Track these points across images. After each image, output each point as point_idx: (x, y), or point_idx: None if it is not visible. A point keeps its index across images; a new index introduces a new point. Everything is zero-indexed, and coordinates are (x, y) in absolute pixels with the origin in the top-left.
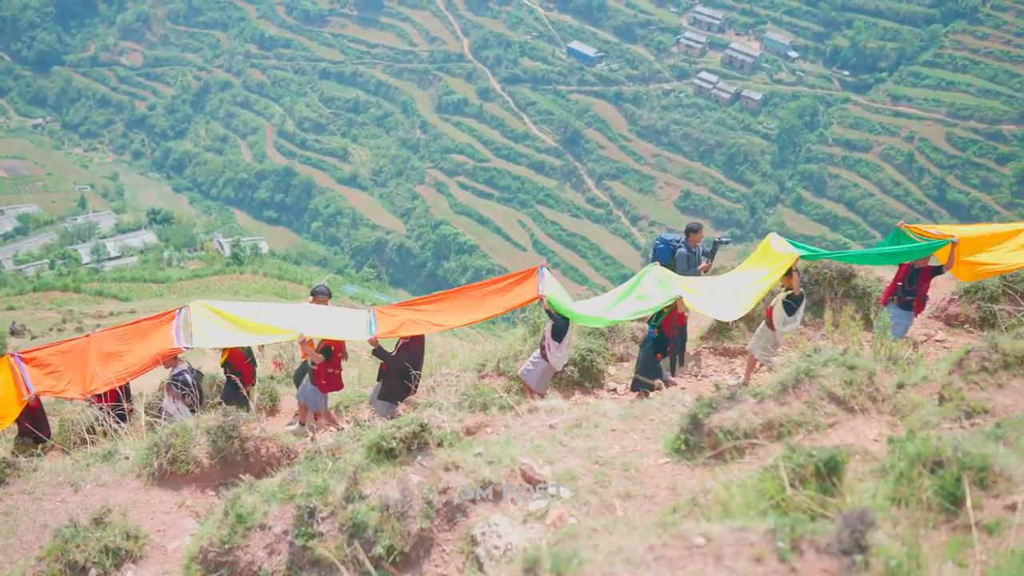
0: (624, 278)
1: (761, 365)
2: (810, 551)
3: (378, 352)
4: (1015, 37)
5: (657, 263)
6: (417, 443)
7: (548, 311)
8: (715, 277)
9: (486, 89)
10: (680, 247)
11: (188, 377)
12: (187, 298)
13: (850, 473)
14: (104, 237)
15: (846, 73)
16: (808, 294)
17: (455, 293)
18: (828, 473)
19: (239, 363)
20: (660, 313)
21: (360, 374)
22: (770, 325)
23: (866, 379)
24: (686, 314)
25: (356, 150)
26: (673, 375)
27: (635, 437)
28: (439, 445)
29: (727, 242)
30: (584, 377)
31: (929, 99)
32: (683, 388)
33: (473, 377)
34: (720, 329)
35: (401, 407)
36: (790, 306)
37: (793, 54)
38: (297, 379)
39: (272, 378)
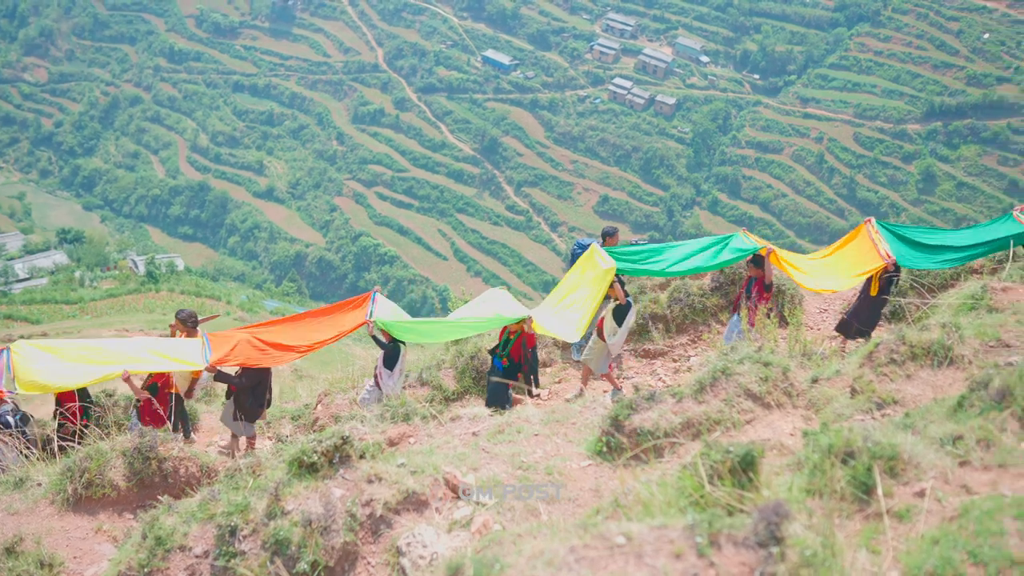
0: (546, 284)
1: (606, 376)
2: (728, 545)
3: (220, 376)
4: (916, 39)
5: (504, 288)
6: (339, 456)
7: (374, 337)
8: (557, 294)
9: (402, 99)
10: None
11: (10, 419)
12: (101, 319)
13: (767, 467)
14: (12, 259)
15: (756, 77)
16: (724, 294)
17: (293, 320)
18: (745, 468)
19: (68, 399)
20: (508, 341)
21: (282, 389)
22: (601, 336)
23: (781, 375)
24: (535, 336)
25: (272, 163)
26: (531, 397)
27: (557, 441)
28: (361, 457)
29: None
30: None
31: (836, 101)
32: (605, 391)
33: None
34: (640, 331)
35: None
36: (619, 316)
37: (704, 59)
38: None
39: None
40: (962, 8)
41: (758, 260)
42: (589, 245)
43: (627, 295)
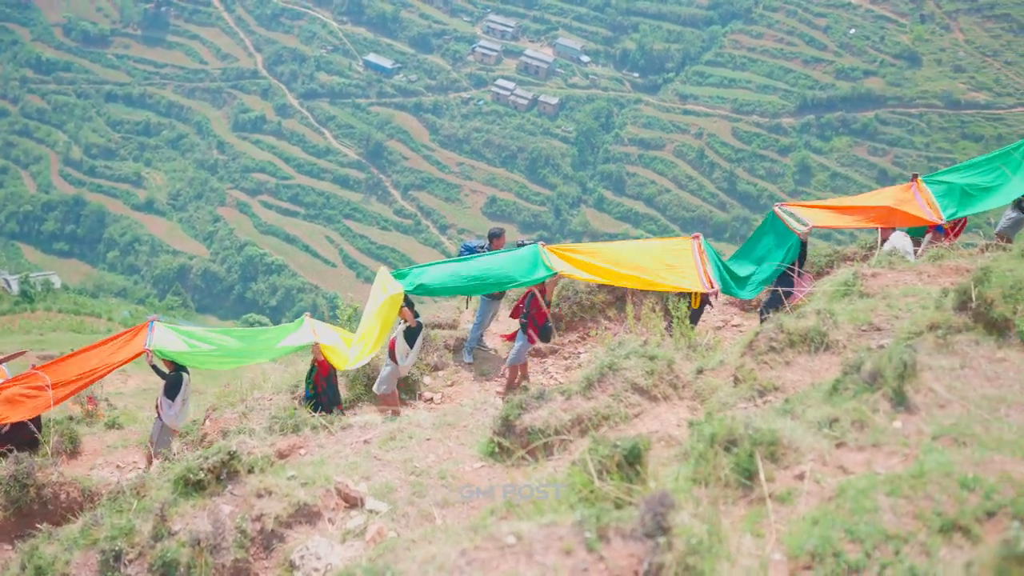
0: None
1: (383, 396)
2: (616, 538)
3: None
4: (786, 35)
5: (307, 315)
6: (227, 472)
7: (153, 366)
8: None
9: (284, 105)
10: (484, 253)
11: None
12: None
13: (654, 459)
14: None
15: (636, 75)
16: (612, 290)
17: (68, 357)
18: (632, 462)
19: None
20: (312, 369)
21: None
22: (393, 358)
23: (666, 368)
24: (328, 363)
25: (151, 175)
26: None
27: (450, 444)
28: (250, 472)
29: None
30: (400, 388)
31: (714, 97)
32: (498, 392)
33: (286, 399)
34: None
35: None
36: (410, 338)
37: (585, 58)
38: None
39: (71, 419)
40: (829, 5)
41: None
42: (476, 247)
43: (417, 316)
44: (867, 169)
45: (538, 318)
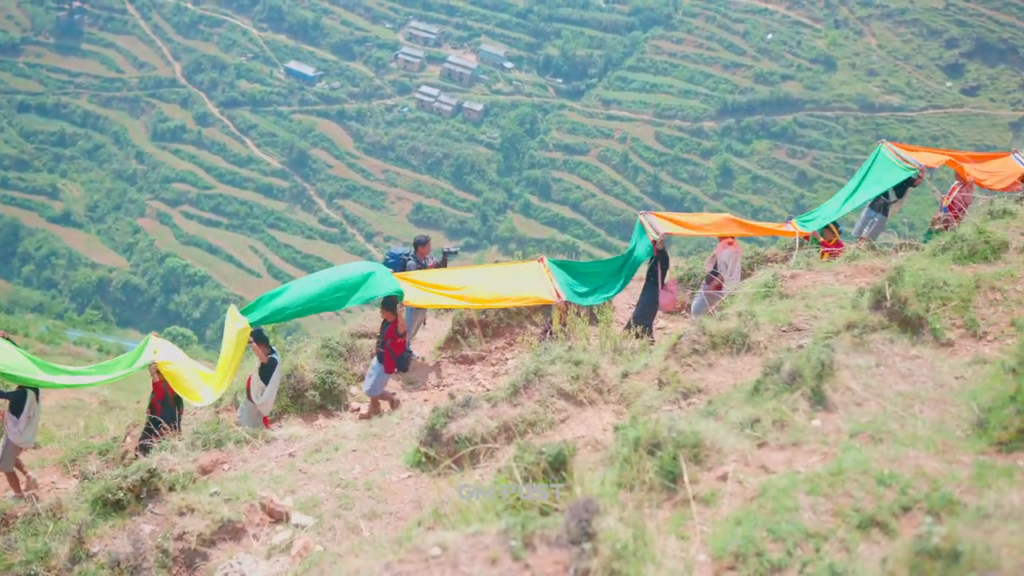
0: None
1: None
2: (542, 546)
3: None
4: (706, 41)
5: (153, 334)
6: (147, 490)
7: None
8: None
9: (204, 114)
10: (409, 260)
11: None
12: None
13: (581, 464)
14: None
15: (559, 81)
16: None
17: None
18: (557, 468)
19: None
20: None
21: (87, 423)
22: (249, 396)
23: (591, 373)
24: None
25: (67, 186)
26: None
27: (376, 455)
28: (171, 489)
29: (456, 252)
30: (326, 400)
31: (637, 102)
32: (425, 400)
33: (210, 413)
34: (456, 338)
35: None
36: (264, 375)
37: (508, 65)
38: None
39: None
40: (746, 11)
41: (389, 303)
42: (401, 254)
43: (272, 351)
44: (787, 171)
45: (395, 348)
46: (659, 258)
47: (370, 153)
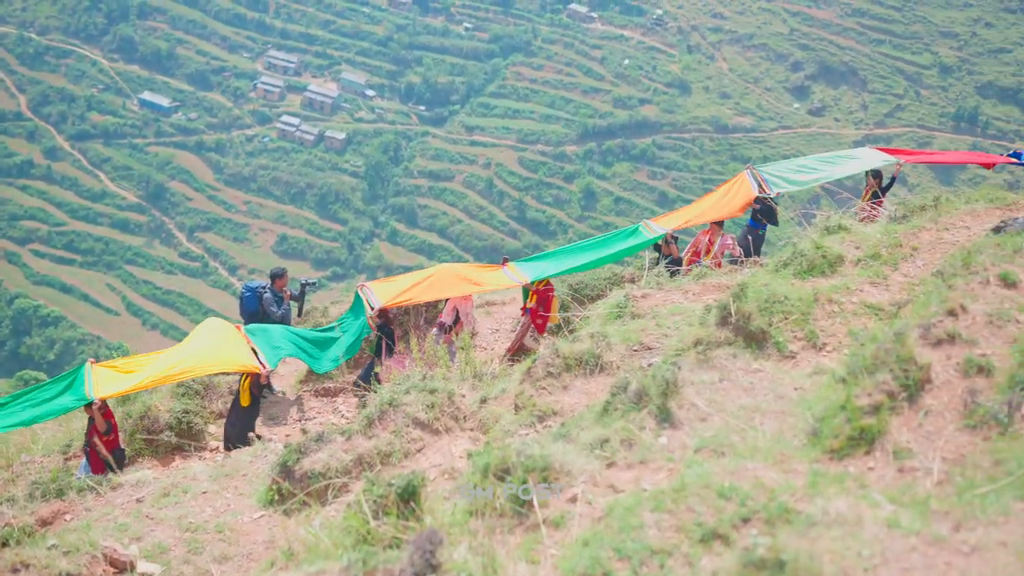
0: None
1: None
2: None
3: None
4: (565, 67)
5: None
6: None
7: None
8: None
9: (52, 148)
10: (266, 293)
11: None
12: None
13: (435, 494)
14: None
15: (422, 108)
16: (400, 324)
17: None
18: (408, 499)
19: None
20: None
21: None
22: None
23: (447, 400)
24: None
25: None
26: None
27: (228, 496)
28: (5, 544)
29: (315, 283)
30: (183, 440)
31: (499, 127)
32: (288, 435)
33: (58, 461)
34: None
35: None
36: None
37: (370, 92)
38: None
39: None
40: (603, 37)
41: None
42: (258, 287)
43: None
44: (648, 192)
45: (107, 444)
46: (381, 331)
47: (231, 184)
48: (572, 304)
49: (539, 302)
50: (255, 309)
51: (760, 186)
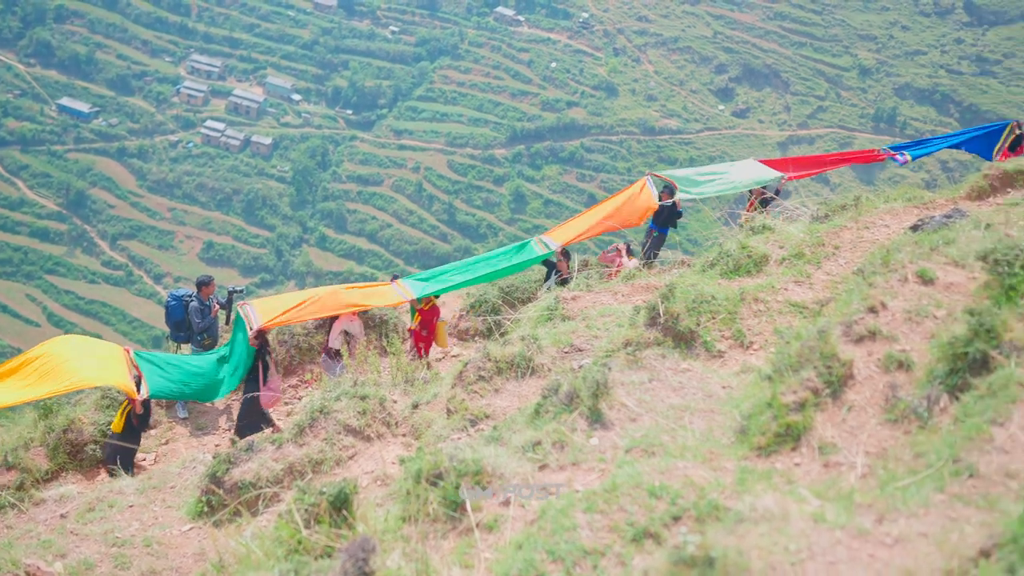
0: (155, 340)
1: None
2: None
3: None
4: (493, 70)
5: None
6: None
7: None
8: None
9: None
10: (192, 301)
11: None
12: None
13: (368, 500)
14: None
15: (349, 112)
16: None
17: None
18: (340, 507)
19: None
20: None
21: None
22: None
23: (378, 406)
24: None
25: None
26: None
27: (156, 509)
28: None
29: (242, 291)
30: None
31: (428, 131)
32: (217, 445)
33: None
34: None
35: None
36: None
37: (297, 97)
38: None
39: None
40: (530, 40)
41: None
42: (184, 296)
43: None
44: (577, 195)
45: None
46: (259, 353)
47: (155, 191)
48: (503, 307)
49: (422, 324)
50: (181, 318)
51: (660, 195)
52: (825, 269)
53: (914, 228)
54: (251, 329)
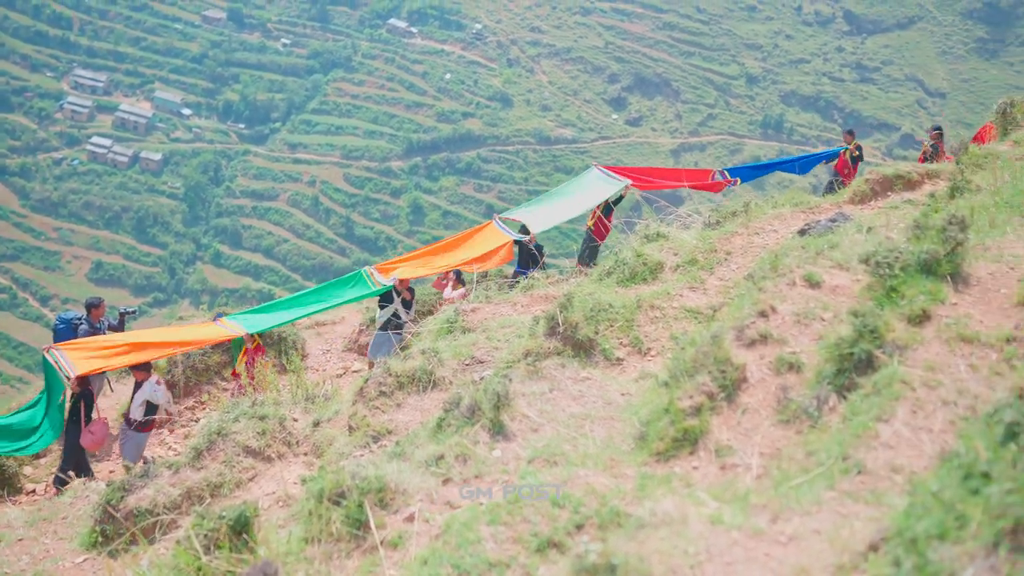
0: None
1: None
2: None
3: None
4: (387, 82)
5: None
6: None
7: None
8: None
9: None
10: (82, 324)
11: None
12: None
13: (270, 522)
14: None
15: (241, 126)
16: (225, 349)
17: None
18: (240, 531)
19: None
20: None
21: None
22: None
23: (278, 426)
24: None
25: None
26: None
27: (47, 542)
28: None
29: (134, 312)
30: None
31: (323, 144)
32: (112, 472)
33: None
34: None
35: None
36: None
37: (187, 111)
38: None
39: None
40: (423, 52)
41: None
42: (72, 318)
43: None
44: (475, 205)
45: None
46: (81, 396)
47: (39, 211)
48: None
49: (248, 365)
50: (70, 340)
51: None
52: (718, 275)
53: (801, 232)
54: (66, 378)
